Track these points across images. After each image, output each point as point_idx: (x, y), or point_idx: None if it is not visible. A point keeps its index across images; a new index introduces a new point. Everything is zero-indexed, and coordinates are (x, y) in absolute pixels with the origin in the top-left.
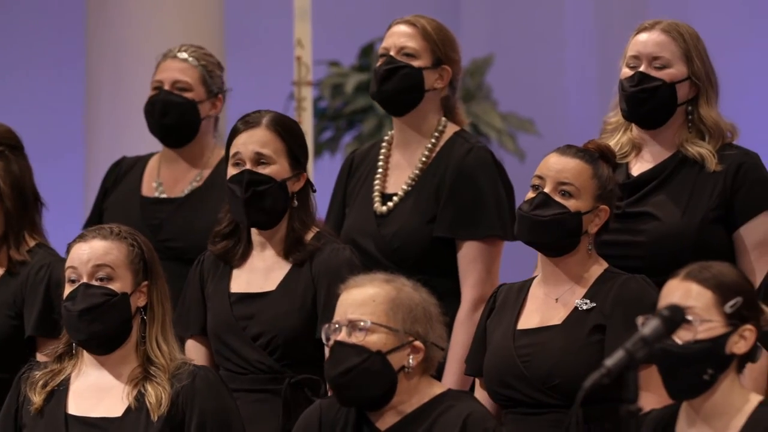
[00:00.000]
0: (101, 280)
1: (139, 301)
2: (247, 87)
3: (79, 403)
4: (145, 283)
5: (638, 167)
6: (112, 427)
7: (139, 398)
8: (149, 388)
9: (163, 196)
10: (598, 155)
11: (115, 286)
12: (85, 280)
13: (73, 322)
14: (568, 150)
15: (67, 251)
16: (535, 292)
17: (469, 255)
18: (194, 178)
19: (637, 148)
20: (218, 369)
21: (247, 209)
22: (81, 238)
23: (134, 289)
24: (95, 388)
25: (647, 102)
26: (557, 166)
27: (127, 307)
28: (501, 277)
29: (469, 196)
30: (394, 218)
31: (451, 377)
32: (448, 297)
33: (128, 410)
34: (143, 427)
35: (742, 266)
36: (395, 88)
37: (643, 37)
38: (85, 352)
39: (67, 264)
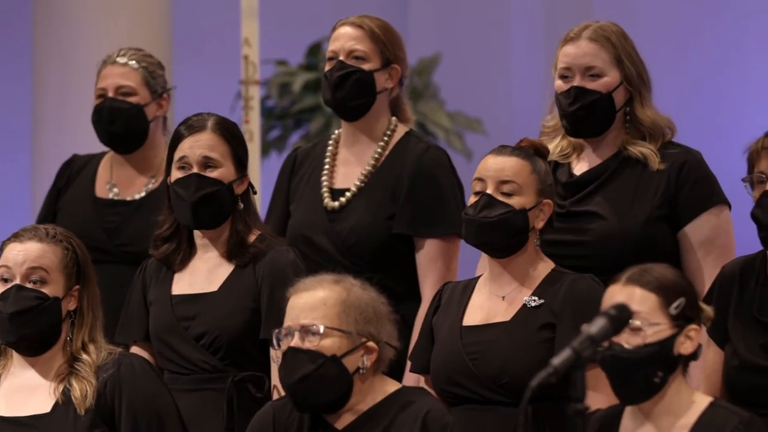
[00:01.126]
0: (34, 282)
1: (69, 304)
2: (195, 86)
3: (8, 404)
4: (77, 287)
5: (581, 167)
6: (42, 423)
7: (66, 393)
8: (74, 383)
9: (118, 197)
10: (533, 151)
11: (47, 290)
12: (18, 281)
13: (4, 323)
14: (503, 150)
15: (1, 249)
16: (481, 290)
17: (429, 253)
18: (149, 180)
19: (578, 148)
20: (162, 372)
21: (194, 212)
22: (16, 237)
23: (66, 293)
24: (23, 388)
25: (587, 118)
26: (496, 165)
27: (57, 311)
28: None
29: (428, 194)
30: (349, 214)
31: (414, 376)
32: (404, 297)
33: (56, 406)
34: (72, 422)
35: (688, 265)
36: (349, 95)
37: (572, 49)
38: (14, 351)
39: (1, 263)
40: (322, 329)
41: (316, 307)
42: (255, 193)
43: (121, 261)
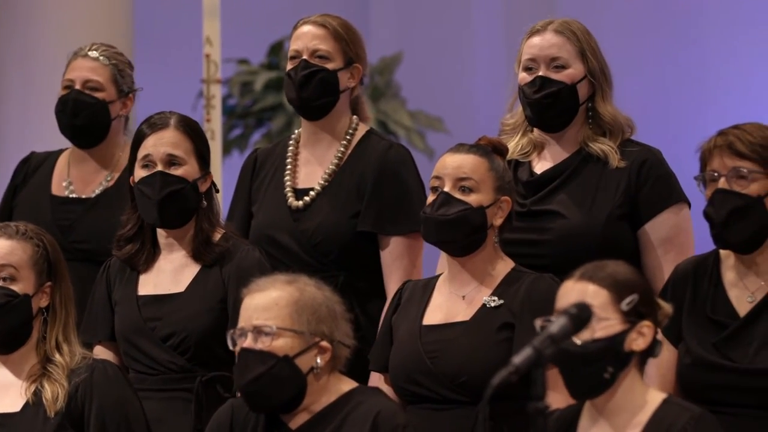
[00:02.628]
0: (4, 280)
1: (41, 301)
2: (157, 85)
3: None
4: (49, 284)
5: (541, 165)
6: (11, 422)
7: (37, 394)
8: (46, 384)
9: (73, 195)
10: (491, 149)
11: (17, 287)
12: None
13: None
14: (461, 147)
15: None
16: (441, 290)
17: (394, 251)
18: (105, 178)
19: (538, 147)
20: (128, 371)
21: (160, 211)
22: None
23: (37, 290)
24: None
25: (552, 107)
26: (453, 163)
27: (28, 309)
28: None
29: (393, 192)
30: (313, 213)
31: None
32: (370, 294)
33: (26, 406)
34: (41, 423)
35: (647, 263)
36: (314, 94)
37: (537, 40)
38: None
39: None
40: (273, 330)
41: (268, 308)
42: (217, 191)
43: (75, 258)
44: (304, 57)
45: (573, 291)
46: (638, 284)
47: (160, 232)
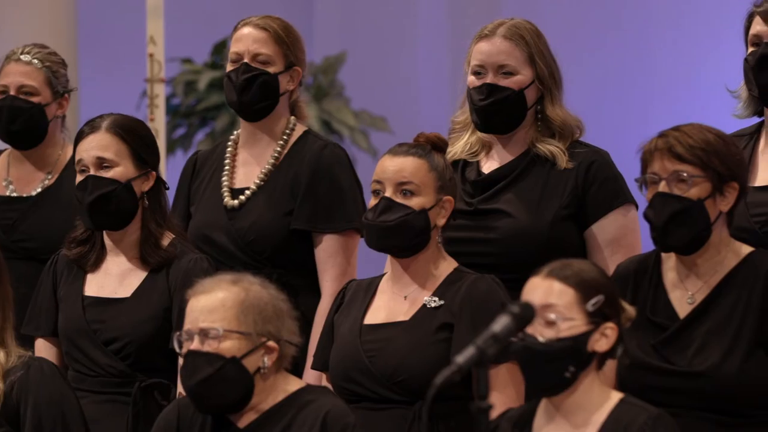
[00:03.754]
0: None
1: None
2: (101, 84)
3: None
4: None
5: (489, 165)
6: None
7: None
8: None
9: (15, 194)
10: (430, 147)
11: None
12: None
13: None
14: (399, 149)
15: None
16: (384, 289)
17: (329, 249)
18: (45, 177)
19: (487, 146)
20: (67, 369)
21: (91, 214)
22: None
23: None
24: None
25: (498, 113)
26: (393, 167)
27: None
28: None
29: (327, 190)
30: (247, 212)
31: (315, 372)
32: (304, 292)
33: None
34: None
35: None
36: (255, 98)
37: (486, 46)
38: None
39: None
40: (220, 332)
41: (214, 310)
42: (167, 188)
43: (18, 257)
44: (245, 60)
45: (539, 288)
46: (604, 285)
47: (107, 234)
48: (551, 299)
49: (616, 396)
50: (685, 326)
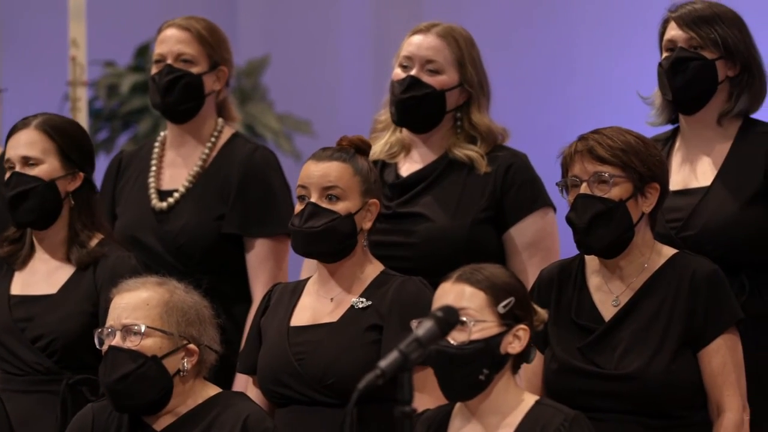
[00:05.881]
0: None
1: None
2: (23, 87)
3: None
4: None
5: (407, 167)
6: None
7: None
8: None
9: None
10: (353, 151)
11: None
12: None
13: None
14: (323, 154)
15: None
16: (310, 292)
17: (260, 253)
18: None
19: (406, 148)
20: None
21: (12, 210)
22: None
23: None
24: None
25: (416, 109)
26: (317, 172)
27: None
28: None
29: (258, 194)
30: (177, 215)
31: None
32: (235, 298)
33: None
34: None
35: (513, 267)
36: (179, 99)
37: (418, 39)
38: None
39: None
40: (143, 329)
41: (138, 307)
42: (97, 191)
43: None
44: (169, 61)
45: (450, 292)
46: (515, 287)
47: (36, 232)
48: (463, 303)
49: (531, 398)
50: (611, 328)
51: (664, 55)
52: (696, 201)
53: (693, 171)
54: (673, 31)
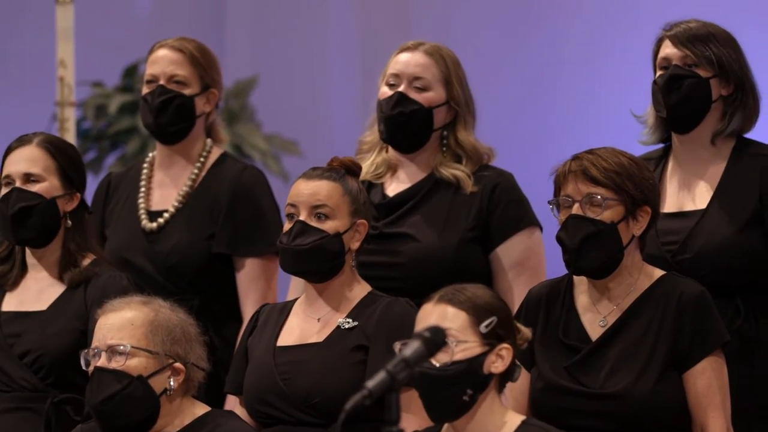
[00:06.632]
0: None
1: None
2: (10, 107)
3: None
4: None
5: (394, 188)
6: None
7: None
8: None
9: None
10: (344, 171)
11: None
12: None
13: None
14: (313, 173)
15: None
16: (297, 312)
17: (250, 273)
18: None
19: (392, 168)
20: None
21: (13, 226)
22: None
23: None
24: None
25: (404, 125)
26: (307, 191)
27: None
28: None
29: (247, 213)
30: (168, 235)
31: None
32: (226, 318)
33: None
34: None
35: (500, 286)
36: (171, 120)
37: (406, 56)
38: None
39: None
40: (128, 349)
41: (123, 327)
42: (90, 213)
43: None
44: (161, 82)
45: (432, 313)
46: (497, 307)
47: (28, 252)
48: (445, 323)
49: (517, 418)
50: (598, 348)
51: (659, 72)
52: (692, 224)
53: (688, 193)
54: (668, 49)
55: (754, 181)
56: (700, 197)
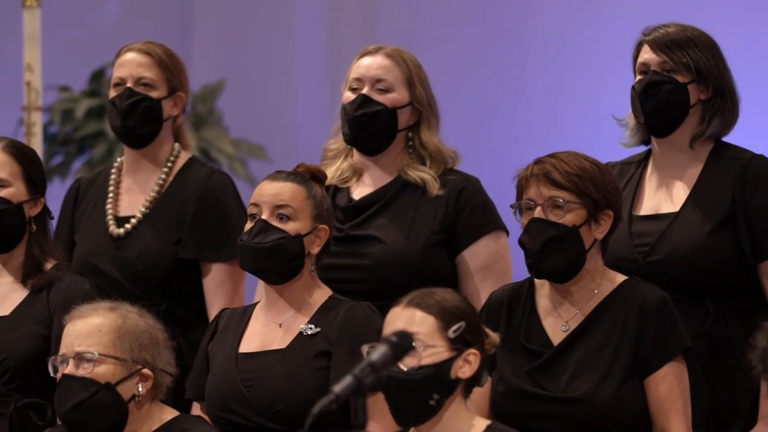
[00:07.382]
0: None
1: None
2: None
3: None
4: None
5: (360, 191)
6: None
7: None
8: None
9: None
10: (309, 177)
11: None
12: None
13: None
14: (278, 175)
15: None
16: (258, 317)
17: (216, 278)
18: None
19: (358, 173)
20: None
21: None
22: None
23: None
24: None
25: (369, 126)
26: (271, 191)
27: None
28: None
29: (214, 219)
30: (134, 241)
31: None
32: (193, 323)
33: None
34: None
35: (466, 290)
36: (138, 123)
37: (367, 60)
38: None
39: None
40: (95, 356)
41: (90, 334)
42: (52, 218)
43: None
44: (129, 85)
45: (401, 317)
46: (466, 312)
47: None
48: (413, 327)
49: (483, 423)
50: (559, 353)
51: (638, 77)
52: (664, 226)
53: (664, 196)
54: (647, 55)
55: (727, 185)
56: (676, 200)
